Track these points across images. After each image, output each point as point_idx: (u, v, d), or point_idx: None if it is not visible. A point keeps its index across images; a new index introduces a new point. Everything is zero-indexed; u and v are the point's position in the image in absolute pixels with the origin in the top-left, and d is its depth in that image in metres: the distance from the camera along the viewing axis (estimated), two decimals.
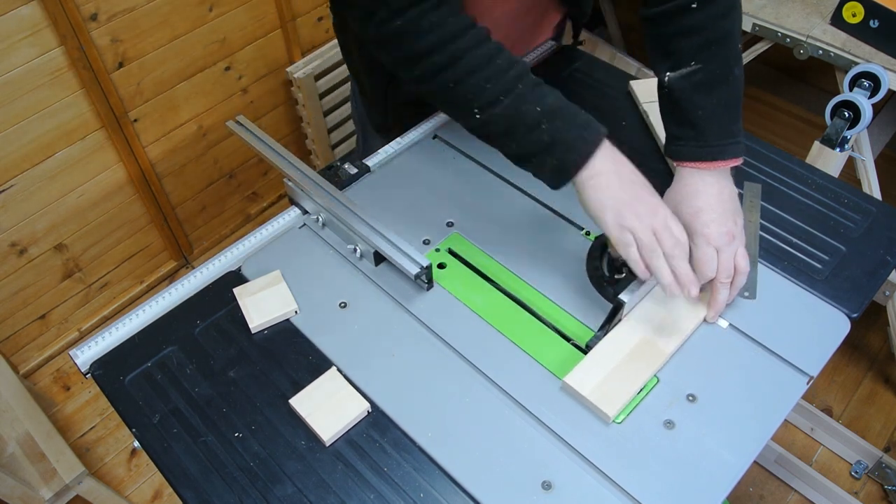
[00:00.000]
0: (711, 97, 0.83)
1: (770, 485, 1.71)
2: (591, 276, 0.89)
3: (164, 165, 1.96)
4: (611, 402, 0.76)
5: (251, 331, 0.86)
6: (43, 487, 1.43)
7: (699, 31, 0.82)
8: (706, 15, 0.82)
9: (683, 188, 0.86)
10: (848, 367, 1.92)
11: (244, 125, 1.05)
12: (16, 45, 1.51)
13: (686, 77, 0.83)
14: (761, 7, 1.48)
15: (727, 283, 0.82)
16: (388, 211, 0.99)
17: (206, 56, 1.87)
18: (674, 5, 0.83)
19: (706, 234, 0.82)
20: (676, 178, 0.88)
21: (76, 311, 2.01)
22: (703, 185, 0.85)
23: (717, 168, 0.85)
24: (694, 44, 0.83)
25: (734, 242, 0.82)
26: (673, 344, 0.81)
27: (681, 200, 0.86)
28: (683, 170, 0.87)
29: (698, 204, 0.84)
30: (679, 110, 0.85)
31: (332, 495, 0.72)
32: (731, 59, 0.83)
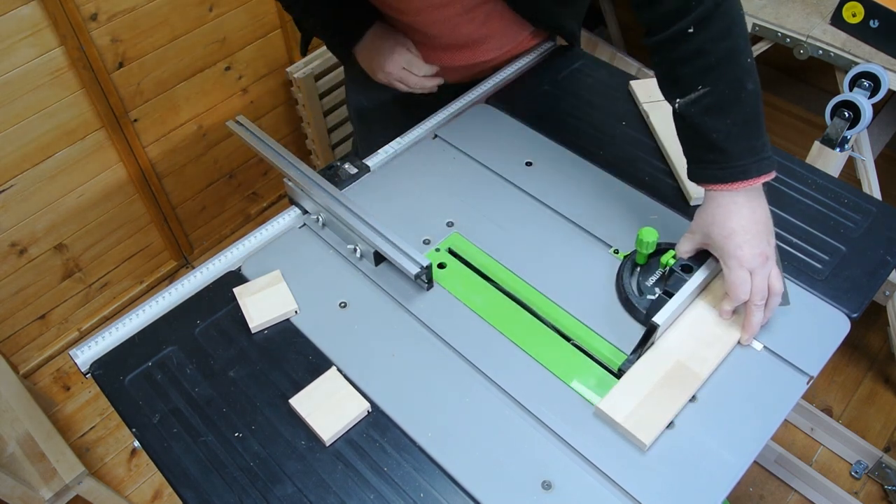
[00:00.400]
0: (726, 118, 0.80)
1: (770, 485, 1.71)
2: (621, 297, 0.87)
3: (164, 165, 1.96)
4: (646, 429, 0.74)
5: (251, 331, 0.86)
6: (43, 487, 1.43)
7: (700, 56, 0.80)
8: (704, 38, 0.79)
9: (715, 209, 0.83)
10: (848, 367, 1.92)
11: (244, 125, 1.05)
12: (16, 45, 1.51)
13: (695, 102, 0.81)
14: (761, 7, 1.48)
15: (761, 305, 0.81)
16: (388, 211, 0.99)
17: (206, 56, 1.87)
18: (672, 32, 0.80)
19: (739, 256, 0.80)
20: (707, 200, 0.85)
21: (76, 311, 2.01)
22: (734, 207, 0.81)
23: (747, 187, 0.81)
24: (697, 68, 0.80)
25: (768, 264, 0.81)
26: (708, 367, 0.79)
27: (712, 222, 0.83)
28: (712, 192, 0.83)
29: (731, 226, 0.81)
30: (696, 136, 0.83)
31: (332, 495, 0.72)
32: (740, 76, 0.80)
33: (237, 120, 1.06)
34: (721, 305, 0.83)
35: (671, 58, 0.82)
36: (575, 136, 1.08)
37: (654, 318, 0.79)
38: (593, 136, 1.08)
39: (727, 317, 0.82)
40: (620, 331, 0.84)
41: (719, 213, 0.82)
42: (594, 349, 0.83)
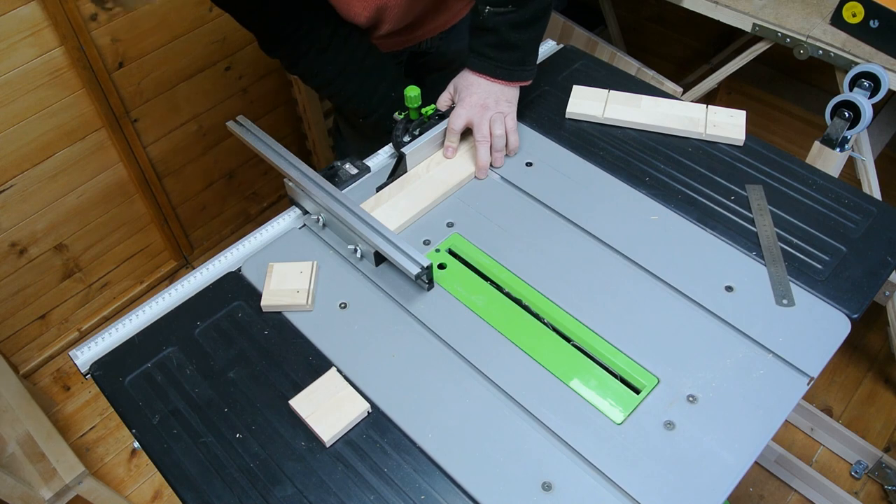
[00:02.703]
0: (517, 34, 1.01)
1: (770, 485, 1.71)
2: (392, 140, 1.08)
3: (164, 165, 1.96)
4: (392, 222, 0.95)
5: (261, 308, 0.88)
6: (43, 487, 1.43)
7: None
8: None
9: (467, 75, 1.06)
10: (848, 367, 1.92)
11: (244, 125, 1.05)
12: (16, 45, 1.51)
13: (501, 14, 1.00)
14: (761, 7, 1.48)
15: (482, 142, 1.03)
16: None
17: (206, 56, 1.87)
18: None
19: (465, 100, 1.04)
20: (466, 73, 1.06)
21: (76, 311, 2.01)
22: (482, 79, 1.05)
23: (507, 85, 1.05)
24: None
25: (486, 112, 1.03)
26: (444, 186, 1.01)
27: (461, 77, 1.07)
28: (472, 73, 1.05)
29: (471, 80, 1.05)
30: (489, 36, 1.02)
31: (332, 496, 0.72)
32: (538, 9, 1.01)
33: (237, 120, 1.06)
34: None
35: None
36: (575, 137, 1.08)
37: (403, 149, 1.02)
38: (593, 135, 1.08)
39: (450, 153, 1.06)
40: (620, 331, 0.84)
41: (467, 75, 1.06)
42: (594, 350, 0.83)
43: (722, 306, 0.86)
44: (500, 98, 1.05)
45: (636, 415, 0.77)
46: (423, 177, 1.03)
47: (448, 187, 1.02)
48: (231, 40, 1.90)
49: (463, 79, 1.07)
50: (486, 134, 1.03)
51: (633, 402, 0.78)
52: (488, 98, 1.04)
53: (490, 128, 1.03)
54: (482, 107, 1.04)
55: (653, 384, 0.79)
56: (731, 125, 1.07)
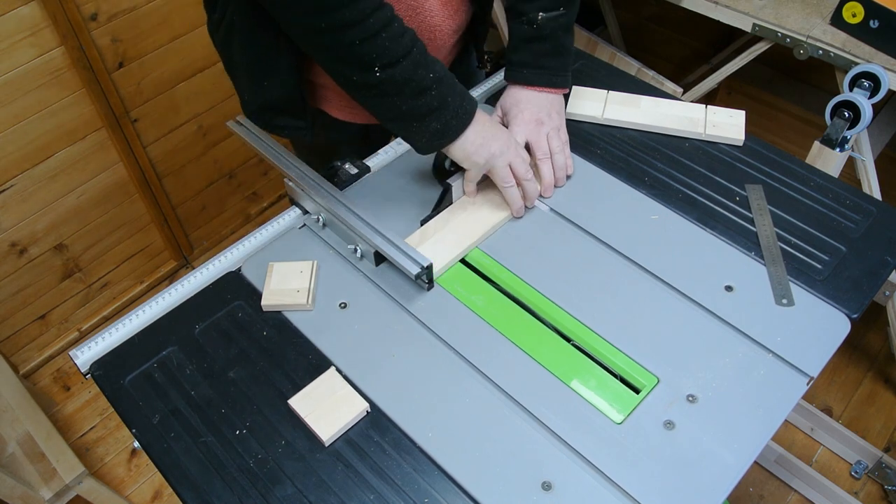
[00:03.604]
0: (568, 38, 1.01)
1: (770, 485, 1.71)
2: (435, 174, 1.03)
3: (164, 165, 1.96)
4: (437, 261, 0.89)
5: (262, 307, 0.88)
6: (43, 487, 1.43)
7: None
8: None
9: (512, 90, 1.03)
10: (848, 367, 1.92)
11: (244, 125, 1.05)
12: (16, 45, 1.51)
13: (555, 19, 0.98)
14: (761, 7, 1.48)
15: (543, 159, 0.98)
16: (388, 211, 0.99)
17: (206, 56, 1.87)
18: None
19: (518, 117, 1.00)
20: (512, 90, 1.03)
21: (76, 311, 2.01)
22: (532, 91, 1.02)
23: (557, 93, 1.03)
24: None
25: (542, 128, 0.99)
26: (493, 220, 0.95)
27: (507, 95, 1.03)
28: (522, 87, 1.02)
29: (518, 97, 1.01)
30: (544, 44, 0.99)
31: (332, 496, 0.72)
32: (577, 8, 1.01)
33: (237, 120, 1.06)
34: None
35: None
36: (575, 137, 1.08)
37: (448, 180, 0.96)
38: (593, 135, 1.08)
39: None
40: (620, 331, 0.84)
41: (514, 91, 1.03)
42: (594, 349, 0.83)
43: (722, 306, 0.86)
44: (552, 110, 1.01)
45: (636, 414, 0.77)
46: (468, 208, 0.97)
47: (498, 219, 0.96)
48: None
49: (511, 97, 1.03)
50: (546, 151, 0.99)
51: (632, 402, 0.78)
52: (541, 112, 1.00)
53: (548, 144, 0.99)
54: (537, 122, 1.00)
55: (652, 384, 0.79)
56: (731, 125, 1.07)
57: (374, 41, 0.82)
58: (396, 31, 0.84)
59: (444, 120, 0.89)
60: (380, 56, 0.83)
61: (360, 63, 0.84)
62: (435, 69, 0.88)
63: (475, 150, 0.92)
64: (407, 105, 0.87)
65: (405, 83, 0.86)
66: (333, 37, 0.83)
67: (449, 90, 0.89)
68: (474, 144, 0.92)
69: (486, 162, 0.93)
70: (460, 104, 0.90)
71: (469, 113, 0.91)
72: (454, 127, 0.90)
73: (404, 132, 0.92)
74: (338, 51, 0.84)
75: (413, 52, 0.85)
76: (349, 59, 0.85)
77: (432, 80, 0.87)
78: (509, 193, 0.95)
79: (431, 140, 0.91)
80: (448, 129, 0.90)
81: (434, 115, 0.88)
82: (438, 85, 0.88)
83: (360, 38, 0.82)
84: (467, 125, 0.91)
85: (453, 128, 0.90)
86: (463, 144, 0.92)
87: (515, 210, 0.96)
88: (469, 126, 0.91)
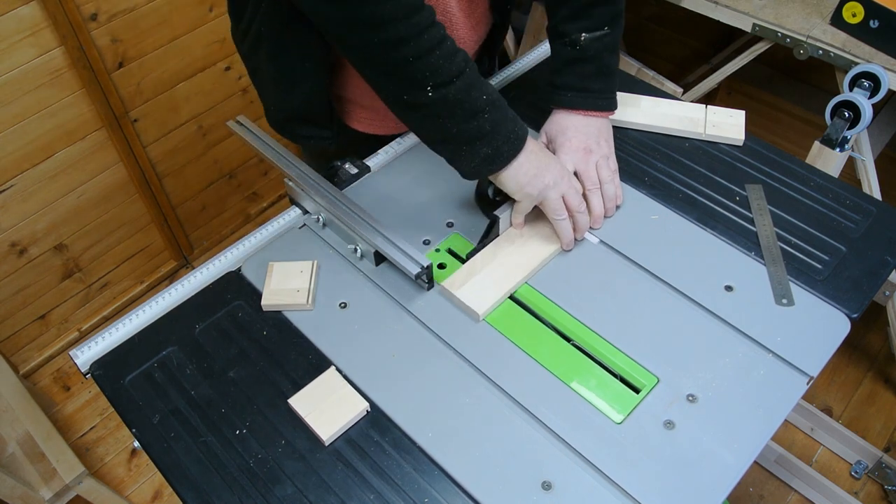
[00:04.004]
0: (613, 59, 0.97)
1: (770, 485, 1.71)
2: (479, 202, 0.99)
3: (164, 165, 1.96)
4: (480, 303, 0.85)
5: (262, 307, 0.88)
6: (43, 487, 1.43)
7: (613, 2, 0.95)
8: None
9: (557, 116, 0.99)
10: (848, 367, 1.92)
11: (245, 125, 1.05)
12: (16, 45, 1.51)
13: (599, 39, 0.94)
14: (761, 7, 1.48)
15: (593, 190, 0.94)
16: (388, 211, 0.99)
17: (206, 56, 1.87)
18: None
19: (566, 145, 0.96)
20: (559, 113, 0.99)
21: (76, 311, 2.01)
22: (578, 116, 0.98)
23: (604, 116, 0.99)
24: (609, 11, 0.94)
25: (591, 156, 0.95)
26: (543, 254, 0.91)
27: (551, 122, 1.00)
28: (568, 112, 0.98)
29: (564, 124, 0.98)
30: (590, 67, 0.96)
31: (332, 495, 0.72)
32: (622, 28, 0.97)
33: (237, 120, 1.06)
34: None
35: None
36: None
37: (496, 212, 0.91)
38: None
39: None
40: (620, 331, 0.84)
41: (560, 117, 0.99)
42: (594, 349, 0.83)
43: (722, 306, 0.86)
44: (600, 137, 0.97)
45: (636, 414, 0.77)
46: (516, 241, 0.92)
47: (548, 252, 0.91)
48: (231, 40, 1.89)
49: (556, 123, 0.98)
50: (596, 181, 0.94)
51: (632, 402, 0.78)
52: (589, 139, 0.96)
53: (598, 174, 0.95)
54: (586, 151, 0.95)
55: (652, 384, 0.79)
56: (731, 125, 1.07)
57: (428, 59, 0.78)
58: (450, 49, 0.80)
59: (495, 145, 0.84)
60: (432, 74, 0.79)
61: (412, 81, 0.80)
62: (488, 91, 0.83)
63: (528, 181, 0.87)
64: (458, 128, 0.83)
65: (457, 104, 0.81)
66: (386, 53, 0.78)
67: (501, 114, 0.85)
68: (527, 175, 0.87)
69: (539, 193, 0.88)
70: (512, 129, 0.85)
71: (521, 139, 0.86)
72: (505, 153, 0.85)
73: (452, 155, 0.87)
74: (390, 68, 0.80)
75: (466, 72, 0.81)
76: (401, 77, 0.80)
77: (485, 103, 0.83)
78: (561, 226, 0.90)
79: (481, 166, 0.86)
80: (499, 155, 0.85)
81: (485, 139, 0.84)
82: (491, 108, 0.83)
83: (413, 54, 0.78)
84: (518, 151, 0.86)
85: (504, 153, 0.85)
86: (515, 175, 0.87)
87: (566, 243, 0.91)
88: (520, 153, 0.86)
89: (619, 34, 0.96)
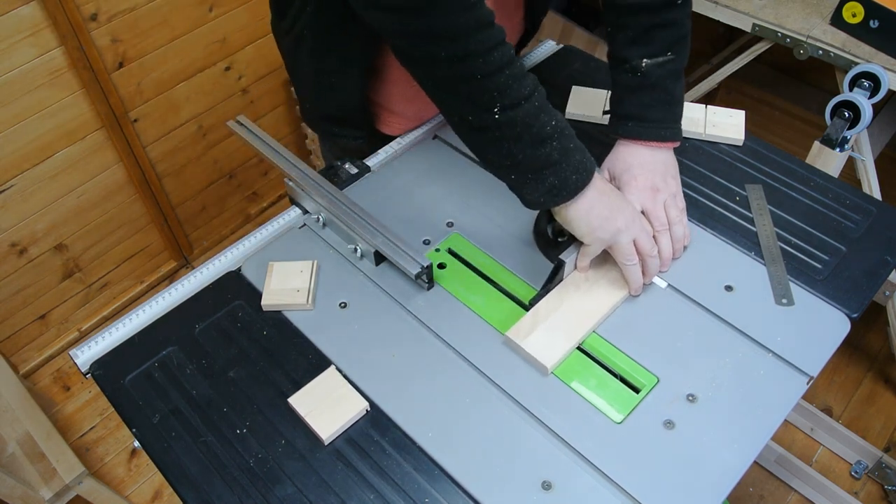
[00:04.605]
0: (678, 85, 0.92)
1: (770, 485, 1.71)
2: (538, 242, 0.93)
3: (164, 165, 1.96)
4: (548, 355, 0.80)
5: (262, 307, 0.88)
6: (43, 487, 1.43)
7: (677, 25, 0.90)
8: (684, 12, 0.90)
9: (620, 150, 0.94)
10: (848, 367, 1.92)
11: (244, 125, 1.05)
12: (16, 45, 1.51)
13: (661, 65, 0.90)
14: (761, 7, 1.48)
15: (662, 231, 0.89)
16: (389, 211, 0.99)
17: (206, 56, 1.87)
18: None
19: (631, 184, 0.90)
20: (621, 146, 0.94)
21: (76, 311, 2.01)
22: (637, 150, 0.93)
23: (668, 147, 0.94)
24: (672, 35, 0.90)
25: (658, 195, 0.90)
26: (612, 301, 0.86)
27: (615, 159, 0.94)
28: (630, 144, 0.93)
29: (630, 161, 0.92)
30: (652, 94, 0.91)
31: (332, 495, 0.72)
32: (688, 53, 0.92)
33: (237, 120, 1.06)
34: None
35: (653, 21, 0.89)
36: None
37: (561, 256, 0.86)
38: (593, 136, 1.08)
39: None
40: (620, 330, 0.84)
41: (623, 151, 0.94)
42: (594, 349, 0.83)
43: (722, 306, 0.86)
44: (667, 173, 0.92)
45: (636, 414, 0.77)
46: (581, 286, 0.87)
47: (616, 299, 0.86)
48: (231, 40, 1.90)
49: (620, 160, 0.93)
50: (664, 222, 0.89)
51: (632, 402, 0.78)
52: (655, 176, 0.91)
53: (666, 213, 0.90)
54: (653, 189, 0.90)
55: (652, 383, 0.79)
56: (731, 125, 1.07)
57: (497, 77, 0.74)
58: (519, 70, 0.76)
59: (563, 175, 0.79)
60: (501, 94, 0.74)
61: (479, 100, 0.75)
62: (556, 117, 0.78)
63: (600, 223, 0.82)
64: (524, 154, 0.78)
65: (525, 129, 0.76)
66: (454, 68, 0.74)
67: (570, 143, 0.79)
68: (599, 217, 0.82)
69: (611, 237, 0.83)
70: (581, 160, 0.80)
71: (589, 171, 0.81)
72: (573, 184, 0.80)
73: (516, 183, 0.82)
74: (457, 85, 0.75)
75: (535, 95, 0.77)
76: (468, 96, 0.76)
77: (553, 130, 0.77)
78: (631, 271, 0.85)
79: (546, 196, 0.80)
80: (566, 186, 0.79)
81: (553, 168, 0.78)
82: (559, 136, 0.78)
83: (482, 72, 0.73)
84: (586, 184, 0.81)
85: (572, 185, 0.80)
86: (587, 216, 0.82)
87: (634, 289, 0.86)
88: (588, 186, 0.81)
89: (684, 60, 0.91)
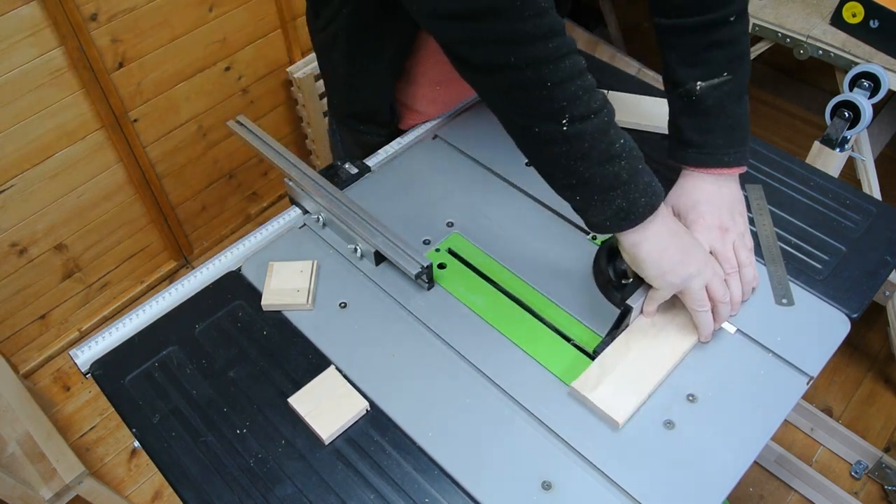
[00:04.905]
0: (739, 107, 0.86)
1: (770, 485, 1.71)
2: (598, 281, 0.88)
3: (164, 165, 1.96)
4: (619, 409, 0.75)
5: (262, 307, 0.88)
6: (43, 487, 1.43)
7: (733, 44, 0.84)
8: (740, 30, 0.84)
9: (685, 183, 0.90)
10: (848, 367, 1.92)
11: (244, 125, 1.05)
12: (16, 45, 1.51)
13: (717, 87, 0.84)
14: (761, 7, 1.48)
15: (732, 273, 0.84)
16: (389, 211, 0.99)
17: (206, 56, 1.87)
18: (715, 17, 0.83)
19: (699, 223, 0.86)
20: (685, 178, 0.90)
21: (76, 311, 2.01)
22: (703, 183, 0.88)
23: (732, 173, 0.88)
24: (728, 55, 0.84)
25: (727, 235, 0.85)
26: (682, 348, 0.81)
27: (680, 194, 0.89)
28: (695, 173, 0.89)
29: (696, 197, 0.87)
30: (708, 119, 0.86)
31: (332, 495, 0.72)
32: (748, 71, 0.86)
33: (237, 120, 1.06)
34: None
35: (706, 41, 0.84)
36: None
37: (629, 301, 0.81)
38: None
39: None
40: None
41: (688, 185, 0.89)
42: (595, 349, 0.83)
43: None
44: (734, 209, 0.87)
45: (636, 414, 0.77)
46: (649, 332, 0.82)
47: (686, 347, 0.81)
48: (231, 40, 1.90)
49: (685, 195, 0.88)
50: (734, 264, 0.84)
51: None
52: (722, 213, 0.86)
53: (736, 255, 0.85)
54: (721, 230, 0.85)
55: None
56: None
57: (567, 87, 0.69)
58: (590, 82, 0.71)
59: (631, 197, 0.73)
60: (570, 105, 0.69)
61: (547, 110, 0.70)
62: (625, 136, 0.73)
63: (671, 267, 0.77)
64: (591, 171, 0.72)
65: (594, 144, 0.71)
66: (523, 75, 0.68)
67: (638, 164, 0.74)
68: (671, 261, 0.77)
69: (682, 282, 0.78)
70: (649, 182, 0.75)
71: (657, 195, 0.75)
72: (641, 207, 0.74)
73: (581, 204, 0.76)
74: (525, 93, 0.70)
75: (605, 110, 0.72)
76: (536, 104, 0.70)
77: (622, 148, 0.72)
78: (702, 318, 0.80)
79: (613, 219, 0.75)
80: (634, 209, 0.74)
81: (621, 189, 0.73)
82: (629, 156, 0.73)
83: (552, 79, 0.68)
84: (654, 208, 0.75)
85: (640, 208, 0.74)
86: (659, 260, 0.77)
87: (705, 336, 0.81)
88: (656, 215, 0.76)
89: (745, 80, 0.85)
